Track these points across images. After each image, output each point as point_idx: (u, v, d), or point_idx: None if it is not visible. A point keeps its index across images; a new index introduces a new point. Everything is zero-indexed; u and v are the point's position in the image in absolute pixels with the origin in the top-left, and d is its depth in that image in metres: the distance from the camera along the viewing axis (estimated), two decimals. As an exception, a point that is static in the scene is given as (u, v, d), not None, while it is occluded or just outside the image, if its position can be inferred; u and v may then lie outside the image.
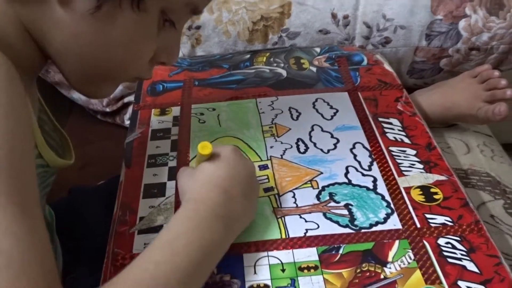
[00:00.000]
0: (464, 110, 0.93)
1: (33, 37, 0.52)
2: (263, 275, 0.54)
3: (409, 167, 0.68)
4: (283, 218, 0.61)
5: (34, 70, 0.57)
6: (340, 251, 0.56)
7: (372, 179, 0.66)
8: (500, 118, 0.89)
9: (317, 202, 0.63)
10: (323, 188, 0.65)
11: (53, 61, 0.55)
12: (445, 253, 0.56)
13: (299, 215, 0.61)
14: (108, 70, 0.56)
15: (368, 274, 0.54)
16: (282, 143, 0.73)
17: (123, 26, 0.51)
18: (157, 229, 0.60)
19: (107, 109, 1.10)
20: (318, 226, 0.60)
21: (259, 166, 0.69)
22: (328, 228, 0.59)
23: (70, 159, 0.65)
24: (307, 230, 0.59)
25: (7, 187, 0.41)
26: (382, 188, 0.65)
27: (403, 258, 0.55)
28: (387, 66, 0.90)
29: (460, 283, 0.53)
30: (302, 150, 0.71)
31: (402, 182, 0.65)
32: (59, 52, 0.53)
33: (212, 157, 0.57)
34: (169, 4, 0.53)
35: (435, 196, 0.63)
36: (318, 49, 0.96)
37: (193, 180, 0.57)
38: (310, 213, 0.61)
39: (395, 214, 0.61)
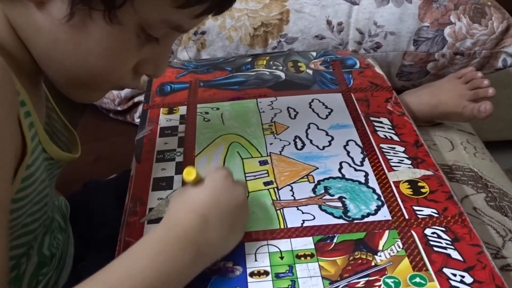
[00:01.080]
0: (450, 108, 0.93)
1: (23, 42, 0.51)
2: (263, 262, 0.54)
3: (398, 162, 0.68)
4: (281, 210, 0.61)
5: (35, 73, 0.55)
6: (334, 240, 0.56)
7: (364, 173, 0.66)
8: (486, 115, 0.89)
9: (313, 195, 0.63)
10: (319, 182, 0.65)
11: (39, 65, 0.53)
12: (431, 242, 0.56)
13: (297, 207, 0.61)
14: (89, 78, 0.53)
15: (360, 261, 0.54)
16: (280, 140, 0.73)
17: (97, 37, 0.49)
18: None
19: (119, 108, 1.10)
20: (314, 217, 0.60)
21: (259, 161, 0.69)
22: (323, 219, 0.59)
23: (77, 153, 0.64)
24: (304, 221, 0.59)
25: None
26: (373, 182, 0.65)
27: (393, 247, 0.55)
28: (378, 69, 0.90)
29: (445, 270, 0.53)
30: (299, 146, 0.71)
31: (392, 177, 0.65)
32: (41, 58, 0.52)
33: (201, 181, 0.53)
34: (145, 19, 0.49)
35: (422, 190, 0.63)
36: (314, 53, 0.96)
37: (175, 201, 0.54)
38: (306, 205, 0.61)
39: (385, 206, 0.61)
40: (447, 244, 0.56)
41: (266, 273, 0.53)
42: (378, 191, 0.63)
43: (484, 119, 0.90)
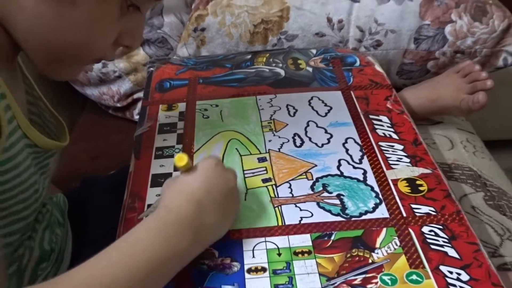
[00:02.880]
0: (448, 102, 0.94)
1: (1, 24, 0.50)
2: (261, 258, 0.55)
3: (397, 161, 0.68)
4: (279, 207, 0.61)
5: (11, 55, 0.55)
6: (332, 238, 0.57)
7: (362, 171, 0.66)
8: (479, 106, 0.89)
9: (311, 192, 0.63)
10: (317, 179, 0.65)
11: (19, 44, 0.53)
12: (429, 240, 0.56)
13: (295, 204, 0.62)
14: (71, 51, 0.53)
15: (357, 258, 0.54)
16: (279, 137, 0.73)
17: (83, 8, 0.49)
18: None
19: (118, 105, 1.11)
20: (312, 215, 0.60)
21: (258, 158, 0.69)
22: (321, 216, 0.60)
23: (65, 141, 0.64)
24: (301, 218, 0.60)
25: None
26: (371, 180, 0.65)
27: (390, 244, 0.56)
28: (378, 67, 0.90)
29: (441, 267, 0.53)
30: (298, 144, 0.72)
31: (390, 175, 0.66)
32: (23, 35, 0.51)
33: (192, 168, 0.55)
34: None
35: (420, 188, 0.64)
36: (314, 51, 0.96)
37: (169, 189, 0.55)
38: (304, 202, 0.62)
39: (383, 204, 0.61)
40: (444, 242, 0.56)
41: (263, 269, 0.54)
42: (376, 189, 0.64)
43: (478, 110, 0.90)
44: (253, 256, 0.55)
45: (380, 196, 0.62)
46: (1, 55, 0.53)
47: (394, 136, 0.73)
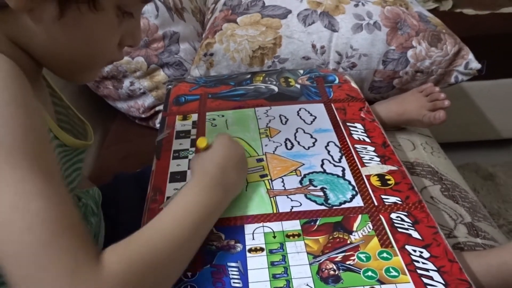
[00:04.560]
0: (413, 116, 0.94)
1: (21, 48, 0.48)
2: (259, 240, 0.54)
3: (369, 160, 0.68)
4: (274, 198, 0.61)
5: (35, 70, 0.53)
6: (317, 223, 0.56)
7: (341, 168, 0.66)
8: (440, 122, 0.90)
9: (300, 186, 0.63)
10: (305, 175, 0.65)
11: (41, 63, 0.51)
12: (396, 225, 0.56)
13: (287, 195, 0.61)
14: (84, 61, 0.52)
15: (338, 240, 0.54)
16: (274, 142, 0.72)
17: (87, 26, 0.47)
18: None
19: (143, 116, 1.10)
20: (301, 204, 0.60)
21: (256, 159, 0.68)
22: (308, 205, 0.59)
23: (91, 141, 0.63)
24: (292, 207, 0.59)
25: (34, 159, 0.39)
26: (349, 175, 0.64)
27: (364, 228, 0.55)
28: (353, 84, 0.90)
29: (407, 247, 0.53)
30: (289, 147, 0.71)
31: (364, 171, 0.65)
32: (43, 56, 0.50)
33: (209, 147, 0.60)
34: (122, 0, 0.49)
35: (389, 182, 0.63)
36: (301, 71, 0.96)
37: (197, 161, 0.58)
38: (294, 194, 0.61)
39: (359, 195, 0.61)
40: (408, 226, 0.56)
41: (261, 249, 0.53)
42: (353, 182, 0.63)
43: (439, 125, 0.91)
44: (253, 239, 0.55)
45: (356, 188, 0.62)
46: (28, 72, 0.50)
47: (367, 139, 0.72)
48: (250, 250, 0.53)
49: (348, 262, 0.51)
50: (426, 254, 0.52)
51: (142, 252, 0.42)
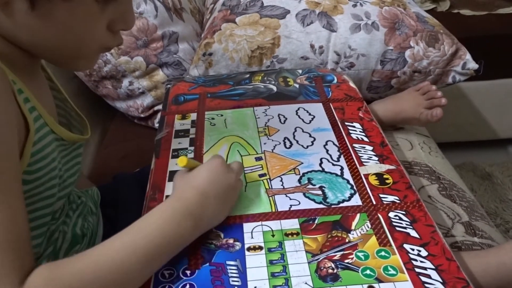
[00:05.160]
0: (410, 115, 0.94)
1: (9, 41, 0.47)
2: (258, 239, 0.54)
3: (368, 159, 0.68)
4: (273, 197, 0.61)
5: (29, 63, 0.51)
6: (316, 222, 0.56)
7: (340, 167, 0.66)
8: (437, 119, 0.90)
9: (298, 184, 0.63)
10: (303, 174, 0.65)
11: (32, 53, 0.50)
12: (394, 223, 0.56)
13: (285, 194, 0.61)
14: (71, 49, 0.49)
15: (336, 238, 0.54)
16: (272, 140, 0.72)
17: (62, 16, 0.45)
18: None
19: (142, 115, 1.10)
20: (299, 203, 0.60)
21: (255, 158, 0.68)
22: (307, 204, 0.59)
23: (87, 135, 0.62)
24: (291, 205, 0.59)
25: None
26: (347, 174, 0.64)
27: (363, 227, 0.55)
28: (351, 84, 0.90)
29: (405, 245, 0.53)
30: (287, 146, 0.71)
31: (362, 170, 0.65)
32: (29, 47, 0.48)
33: (196, 167, 0.55)
34: None
35: (387, 181, 0.63)
36: (300, 71, 0.96)
37: (180, 180, 0.54)
38: (293, 193, 0.61)
39: (357, 194, 0.61)
40: (406, 224, 0.56)
41: (260, 248, 0.53)
42: (351, 181, 0.63)
43: (436, 122, 0.91)
44: (252, 237, 0.55)
45: (355, 187, 0.62)
46: (22, 66, 0.50)
47: (365, 139, 0.72)
48: (249, 249, 0.53)
49: (346, 261, 0.51)
50: (424, 252, 0.52)
51: (71, 282, 0.41)
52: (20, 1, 0.43)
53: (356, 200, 0.60)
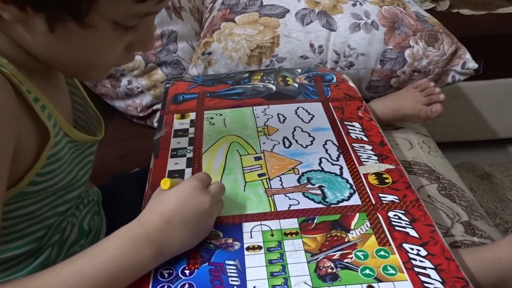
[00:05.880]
0: (409, 111, 0.94)
1: (26, 51, 0.48)
2: (257, 238, 0.54)
3: (367, 158, 0.68)
4: (272, 196, 0.61)
5: (46, 71, 0.53)
6: (315, 221, 0.56)
7: (339, 167, 0.66)
8: (437, 115, 0.90)
9: (298, 184, 0.63)
10: (302, 174, 0.65)
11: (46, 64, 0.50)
12: (393, 223, 0.56)
13: (284, 194, 0.61)
14: (84, 66, 0.50)
15: (335, 238, 0.54)
16: (272, 140, 0.72)
17: (79, 41, 0.46)
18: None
19: (141, 114, 1.10)
20: (299, 202, 0.60)
21: (254, 157, 0.68)
22: (306, 204, 0.59)
23: (101, 135, 0.63)
24: (290, 205, 0.59)
25: None
26: (346, 174, 0.64)
27: (362, 226, 0.55)
28: (351, 83, 0.90)
29: (404, 245, 0.53)
30: (287, 145, 0.71)
31: (362, 170, 0.65)
32: (45, 59, 0.49)
33: (175, 186, 0.52)
34: (114, 18, 0.45)
35: (386, 180, 0.63)
36: (299, 70, 0.96)
37: (150, 201, 0.52)
38: (292, 192, 0.61)
39: (356, 194, 0.61)
40: (406, 224, 0.56)
41: (259, 247, 0.53)
42: (351, 181, 0.63)
43: (436, 118, 0.91)
44: (251, 237, 0.54)
45: (354, 187, 0.62)
46: (39, 73, 0.51)
47: (365, 138, 0.72)
48: (248, 248, 0.53)
49: (345, 260, 0.51)
50: (423, 252, 0.52)
51: None
52: (40, 22, 0.44)
53: (356, 200, 0.59)
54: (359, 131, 0.74)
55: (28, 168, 0.48)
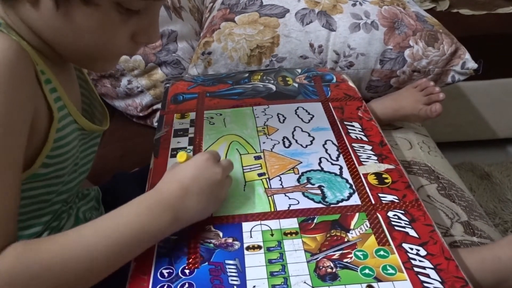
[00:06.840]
0: (408, 111, 0.94)
1: (39, 37, 0.50)
2: (257, 238, 0.54)
3: (367, 158, 0.68)
4: (272, 196, 0.61)
5: (56, 60, 0.53)
6: (315, 221, 0.57)
7: (339, 167, 0.66)
8: (437, 114, 0.91)
9: (297, 184, 0.63)
10: (302, 173, 0.65)
11: (56, 50, 0.52)
12: (393, 223, 0.56)
13: (284, 194, 0.61)
14: (93, 52, 0.51)
15: (335, 238, 0.54)
16: (272, 140, 0.72)
17: (82, 19, 0.47)
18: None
19: (140, 114, 1.10)
20: (298, 202, 0.60)
21: (254, 157, 0.68)
22: (306, 203, 0.59)
23: (106, 126, 0.65)
24: (290, 205, 0.59)
25: None
26: (346, 174, 0.65)
27: (362, 226, 0.56)
28: (350, 83, 0.90)
29: (404, 245, 0.53)
30: (286, 145, 0.71)
31: (361, 170, 0.65)
32: (54, 44, 0.50)
33: (188, 161, 0.55)
34: None
35: (386, 180, 0.63)
36: (299, 70, 0.96)
37: (167, 173, 0.54)
38: (292, 192, 0.61)
39: (356, 194, 0.61)
40: (405, 224, 0.56)
41: (259, 247, 0.53)
42: (350, 181, 0.63)
43: (436, 117, 0.91)
44: (251, 236, 0.55)
45: (354, 187, 0.62)
46: (52, 58, 0.53)
47: (364, 138, 0.72)
48: (248, 248, 0.53)
49: (345, 260, 0.51)
50: (422, 252, 0.52)
51: (42, 260, 0.43)
52: (47, 0, 0.46)
53: (355, 200, 0.60)
54: (359, 131, 0.74)
55: (39, 150, 0.50)
